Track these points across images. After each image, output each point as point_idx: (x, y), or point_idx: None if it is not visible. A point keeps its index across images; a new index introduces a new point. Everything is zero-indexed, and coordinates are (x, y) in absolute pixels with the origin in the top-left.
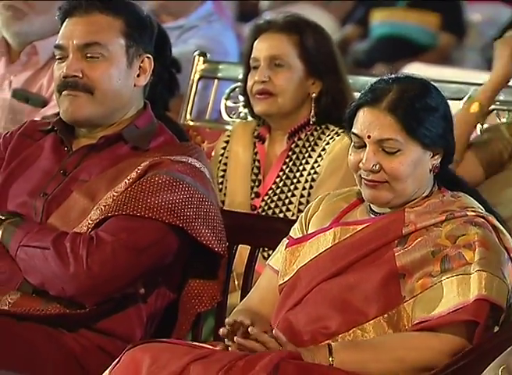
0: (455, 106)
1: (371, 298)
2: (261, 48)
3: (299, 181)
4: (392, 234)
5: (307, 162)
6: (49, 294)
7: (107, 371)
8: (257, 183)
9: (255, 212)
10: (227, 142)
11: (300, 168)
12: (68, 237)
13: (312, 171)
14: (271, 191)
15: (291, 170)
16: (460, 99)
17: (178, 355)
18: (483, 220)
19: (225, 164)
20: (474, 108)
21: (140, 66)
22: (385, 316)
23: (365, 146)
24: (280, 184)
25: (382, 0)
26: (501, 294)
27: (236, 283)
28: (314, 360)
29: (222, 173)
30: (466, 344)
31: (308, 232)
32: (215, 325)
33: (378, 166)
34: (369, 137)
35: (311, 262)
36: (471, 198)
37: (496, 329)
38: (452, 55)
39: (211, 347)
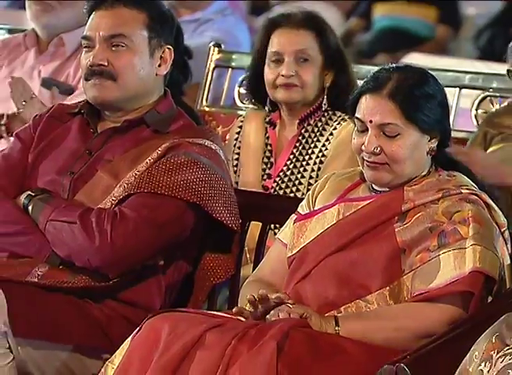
0: (451, 93)
1: (374, 274)
2: (285, 43)
3: (308, 164)
4: (392, 211)
5: (315, 146)
6: (75, 266)
7: (129, 338)
8: (269, 166)
9: (267, 192)
10: (241, 127)
11: (309, 151)
12: (93, 212)
13: (320, 154)
14: (282, 173)
15: (301, 154)
16: (456, 87)
17: (195, 324)
18: (476, 197)
19: (239, 148)
20: None
21: (161, 57)
22: (387, 288)
23: (368, 130)
24: (291, 166)
25: None
26: (494, 266)
27: (248, 257)
28: (321, 328)
29: (236, 156)
30: (462, 313)
31: (315, 208)
32: (229, 295)
33: (379, 148)
34: (371, 121)
35: (318, 237)
36: (465, 177)
37: (490, 299)
38: (448, 46)
39: (226, 315)
